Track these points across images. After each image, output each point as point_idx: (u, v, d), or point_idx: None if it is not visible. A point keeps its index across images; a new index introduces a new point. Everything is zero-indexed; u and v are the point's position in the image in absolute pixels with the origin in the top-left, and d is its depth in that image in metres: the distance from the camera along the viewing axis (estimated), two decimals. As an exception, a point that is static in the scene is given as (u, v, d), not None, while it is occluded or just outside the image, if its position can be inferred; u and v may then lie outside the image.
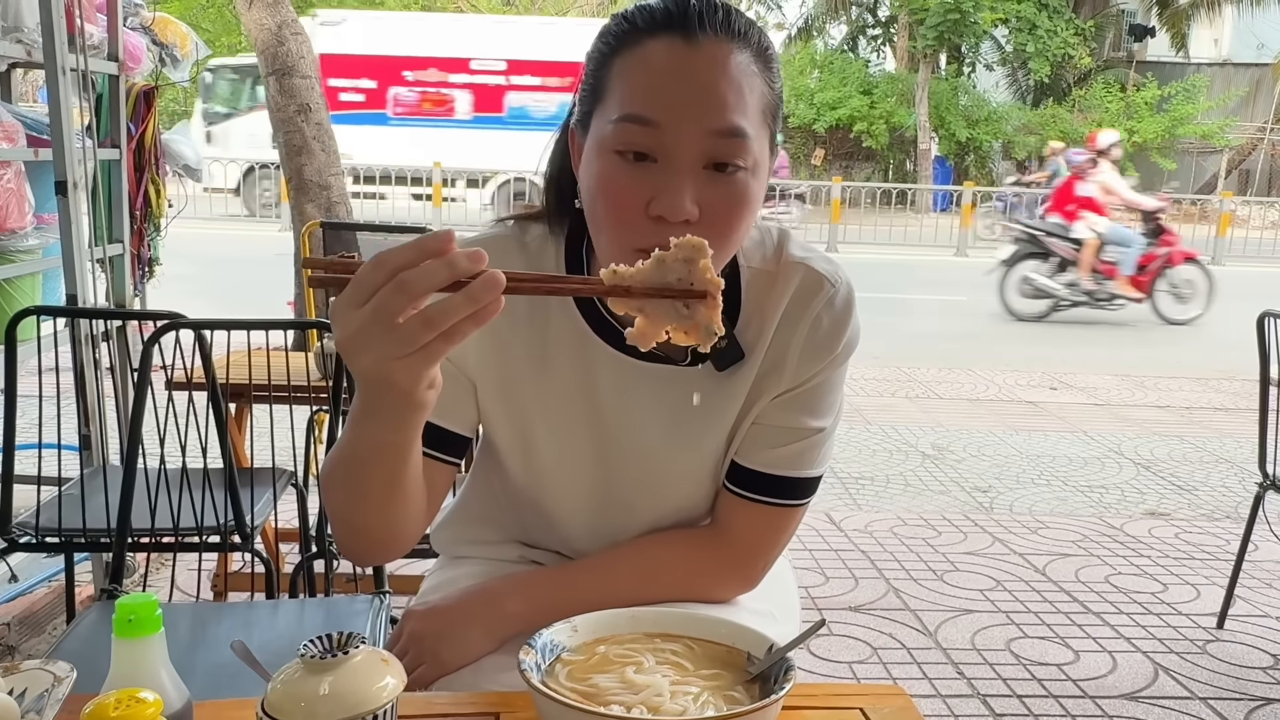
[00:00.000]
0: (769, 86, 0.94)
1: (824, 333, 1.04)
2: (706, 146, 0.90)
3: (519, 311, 1.03)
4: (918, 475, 4.27)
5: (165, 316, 1.95)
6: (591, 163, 0.94)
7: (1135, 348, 7.67)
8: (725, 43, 0.91)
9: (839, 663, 2.60)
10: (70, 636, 1.56)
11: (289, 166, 4.54)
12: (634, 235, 0.90)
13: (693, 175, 0.90)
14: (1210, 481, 4.35)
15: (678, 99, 0.90)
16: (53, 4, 2.45)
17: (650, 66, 0.91)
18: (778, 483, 1.07)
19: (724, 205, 0.91)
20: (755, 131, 0.92)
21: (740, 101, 0.91)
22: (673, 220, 0.89)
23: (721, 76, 0.90)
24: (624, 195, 0.91)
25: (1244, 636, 2.85)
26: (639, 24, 0.93)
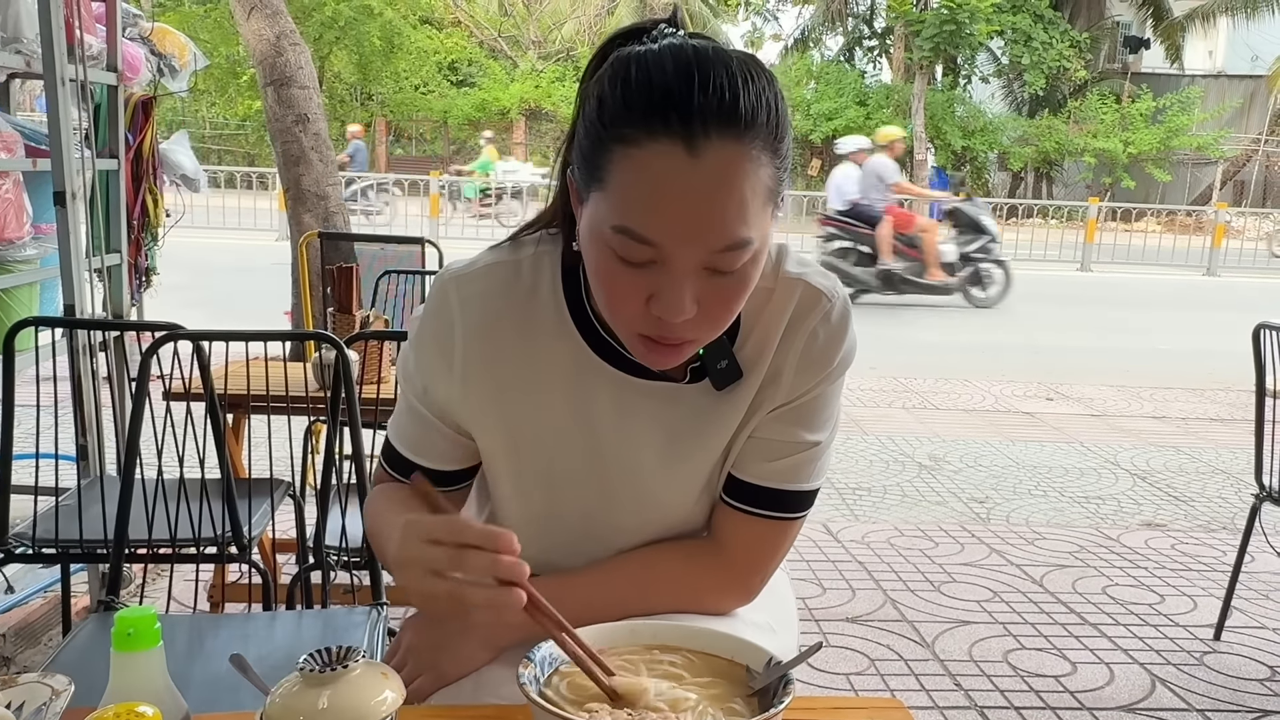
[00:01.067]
0: (776, 168, 0.89)
1: (820, 347, 1.04)
2: (707, 259, 0.88)
3: (510, 332, 1.03)
4: (914, 486, 4.27)
5: (163, 328, 1.95)
6: (591, 248, 0.91)
7: (1133, 360, 7.69)
8: (730, 144, 0.84)
9: (836, 674, 2.60)
10: (67, 649, 1.56)
11: (286, 176, 4.55)
12: (635, 325, 0.92)
13: (692, 278, 0.88)
14: (1207, 492, 4.36)
15: (677, 220, 0.85)
16: (52, 15, 2.45)
17: (649, 179, 0.85)
18: (775, 496, 1.07)
19: (723, 299, 0.91)
20: (758, 226, 0.88)
21: (743, 210, 0.86)
22: (672, 321, 0.89)
23: (724, 192, 0.85)
24: (624, 293, 0.90)
25: (1241, 648, 2.86)
26: (636, 111, 0.85)
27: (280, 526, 3.05)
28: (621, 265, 0.88)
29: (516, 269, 1.04)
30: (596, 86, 0.90)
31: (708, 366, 1.02)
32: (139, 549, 2.01)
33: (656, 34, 0.92)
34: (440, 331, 1.03)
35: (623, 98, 0.86)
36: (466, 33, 24.32)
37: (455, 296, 1.02)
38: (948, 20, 19.48)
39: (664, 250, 0.86)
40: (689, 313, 0.89)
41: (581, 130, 0.91)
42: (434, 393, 1.06)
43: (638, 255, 0.87)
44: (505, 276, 1.03)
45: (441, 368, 1.03)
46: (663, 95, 0.84)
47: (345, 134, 17.42)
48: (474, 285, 1.03)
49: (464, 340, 1.02)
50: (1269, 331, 2.70)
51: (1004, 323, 9.37)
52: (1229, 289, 12.55)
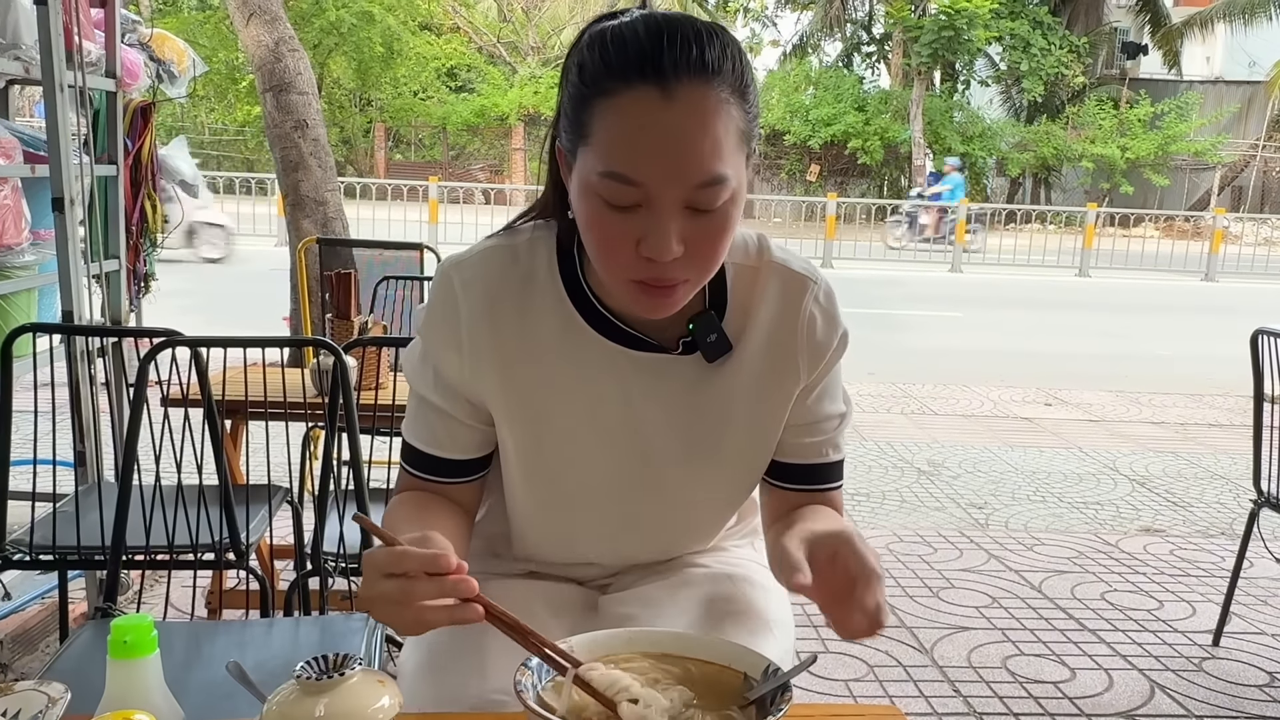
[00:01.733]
0: (745, 111, 0.96)
1: (820, 328, 1.11)
2: (688, 196, 0.93)
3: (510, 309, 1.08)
4: (913, 492, 4.27)
5: (161, 334, 1.95)
6: (580, 200, 0.97)
7: (1131, 364, 7.69)
8: (699, 86, 0.92)
9: (835, 680, 2.60)
10: (64, 656, 1.55)
11: (285, 182, 4.55)
12: (626, 270, 0.97)
13: (677, 218, 0.94)
14: (1205, 498, 4.36)
15: (657, 158, 0.92)
16: (51, 22, 2.45)
17: (627, 122, 0.92)
18: (830, 468, 1.17)
19: (708, 238, 0.96)
20: (733, 165, 0.95)
21: (716, 147, 0.93)
22: (661, 260, 0.94)
23: (697, 128, 0.92)
24: (614, 239, 0.96)
25: (1240, 654, 2.85)
26: (614, 67, 0.93)
27: (278, 532, 3.05)
28: (610, 212, 0.94)
29: (514, 252, 1.10)
30: (576, 56, 0.98)
31: (698, 340, 1.08)
32: (136, 555, 2.01)
33: (627, 14, 0.99)
34: (446, 314, 1.08)
35: (601, 59, 0.94)
36: (465, 39, 24.35)
37: (457, 280, 1.08)
38: (946, 26, 19.53)
39: (648, 190, 0.93)
40: (676, 252, 0.94)
41: (565, 98, 0.99)
42: (444, 374, 1.10)
43: (624, 198, 0.93)
44: (503, 259, 1.10)
45: (450, 346, 1.09)
46: (636, 51, 0.93)
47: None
48: (474, 269, 1.09)
49: (469, 319, 1.07)
50: (1267, 337, 2.70)
51: (1003, 328, 9.38)
52: (1227, 294, 12.56)
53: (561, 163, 1.03)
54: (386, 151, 23.75)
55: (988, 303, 10.94)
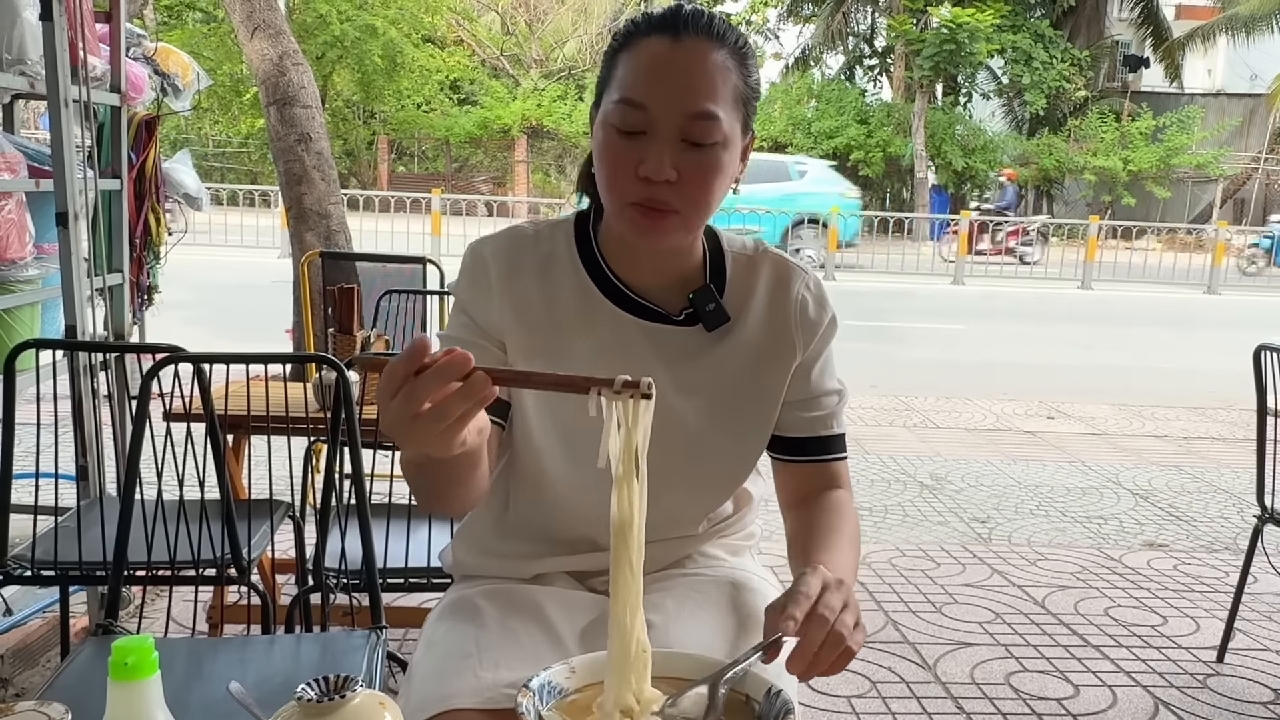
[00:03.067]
0: (743, 78, 1.14)
1: (812, 309, 1.27)
2: (684, 125, 1.10)
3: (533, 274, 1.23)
4: (916, 506, 4.27)
5: (164, 350, 1.95)
6: (598, 135, 1.15)
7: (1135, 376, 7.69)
8: (705, 41, 1.11)
9: (838, 697, 2.59)
10: (64, 674, 1.55)
11: (289, 195, 4.56)
12: (628, 192, 1.12)
13: (672, 146, 1.10)
14: (1209, 512, 4.35)
15: (661, 86, 1.10)
16: (56, 37, 2.46)
17: (642, 60, 1.12)
18: (834, 440, 1.30)
19: (698, 171, 1.11)
20: (727, 114, 1.12)
21: (713, 90, 1.11)
22: (655, 180, 1.10)
23: (698, 69, 1.10)
24: (618, 160, 1.12)
25: (1244, 670, 2.84)
26: (639, 27, 1.14)
27: (280, 547, 3.05)
28: (618, 138, 1.11)
29: (536, 235, 1.27)
30: (611, 43, 1.18)
31: (697, 308, 1.22)
32: (138, 571, 2.00)
33: None
34: (477, 271, 1.24)
35: (628, 28, 1.16)
36: (469, 51, 24.44)
37: (487, 250, 1.25)
38: (948, 39, 19.58)
39: (651, 114, 1.10)
40: (669, 174, 1.10)
41: (601, 69, 1.19)
42: (474, 316, 1.23)
43: (631, 121, 1.10)
44: (526, 238, 1.26)
45: (481, 298, 1.23)
46: (659, 15, 1.14)
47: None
48: (500, 241, 1.26)
49: (497, 272, 1.23)
50: (1270, 353, 2.70)
51: (1005, 341, 9.38)
52: (1230, 307, 12.55)
53: (593, 125, 1.18)
54: (390, 164, 23.81)
55: (990, 315, 10.93)
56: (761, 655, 0.93)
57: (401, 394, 0.85)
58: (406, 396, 0.85)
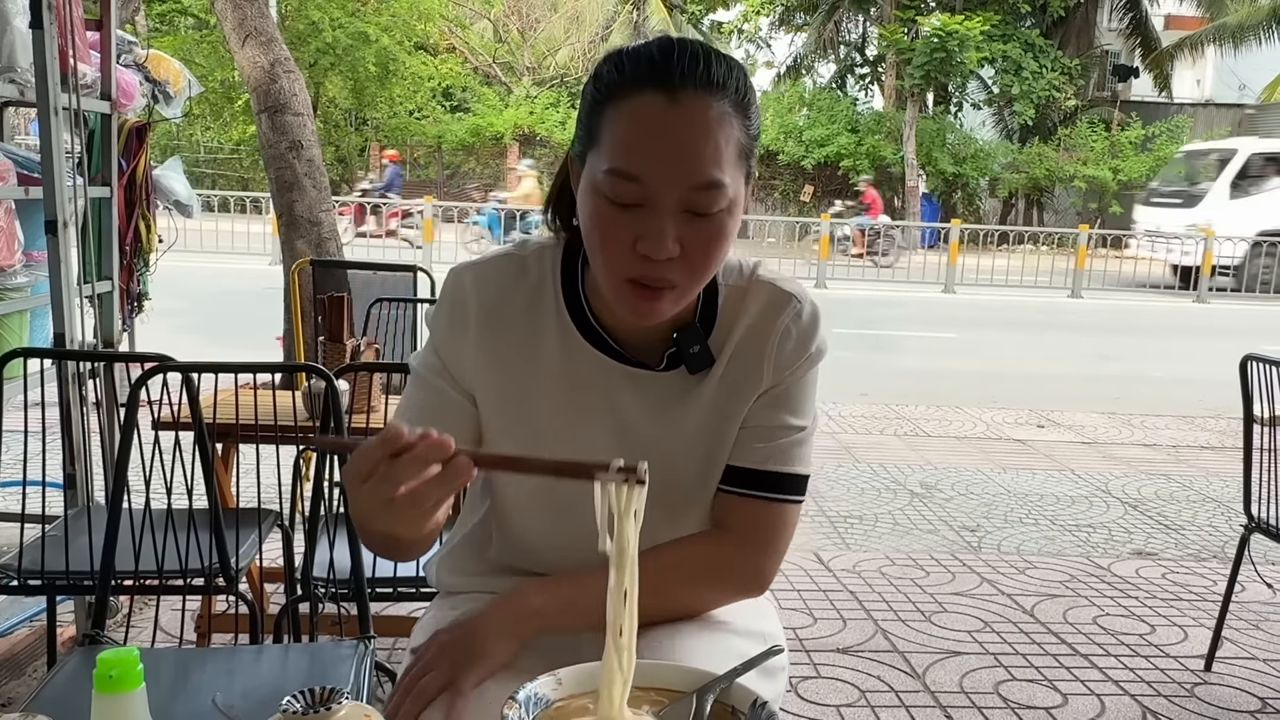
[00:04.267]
0: (745, 129, 1.03)
1: (793, 342, 1.16)
2: (686, 197, 1.00)
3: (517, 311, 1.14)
4: (906, 514, 4.27)
5: (153, 359, 1.95)
6: (586, 200, 1.03)
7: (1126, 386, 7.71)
8: (703, 97, 0.99)
9: (827, 706, 2.59)
10: (50, 684, 1.54)
11: (280, 202, 4.56)
12: (623, 268, 1.02)
13: (674, 218, 1.00)
14: (1198, 521, 4.36)
15: (659, 156, 0.99)
16: (46, 45, 2.46)
17: (634, 122, 1.00)
18: (770, 478, 1.17)
19: (702, 243, 1.02)
20: (731, 175, 1.01)
21: (716, 154, 1.00)
22: (656, 259, 1.00)
23: (699, 133, 0.99)
24: (613, 235, 1.01)
25: (1231, 679, 2.85)
26: (627, 74, 1.01)
27: (268, 557, 3.04)
28: (612, 209, 1.00)
29: (523, 263, 1.17)
30: (593, 78, 1.06)
31: (682, 351, 1.13)
32: (125, 580, 2.00)
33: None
34: (456, 304, 1.15)
35: (615, 70, 1.03)
36: (461, 59, 24.44)
37: (470, 279, 1.15)
38: (938, 48, 19.65)
39: (648, 187, 0.99)
40: (671, 251, 1.00)
41: (581, 109, 1.07)
42: (447, 359, 1.15)
43: (626, 194, 0.99)
44: (513, 268, 1.16)
45: (456, 335, 1.14)
46: (648, 62, 1.01)
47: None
48: (486, 270, 1.16)
49: (477, 313, 1.14)
50: (1256, 363, 2.71)
51: (996, 349, 9.40)
52: (1219, 315, 12.61)
53: (573, 172, 1.09)
54: (381, 171, 23.78)
55: (980, 324, 10.96)
56: (749, 668, 0.94)
57: (375, 478, 0.82)
58: (381, 481, 0.82)
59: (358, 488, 0.84)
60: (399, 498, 0.82)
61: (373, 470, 0.82)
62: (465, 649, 1.08)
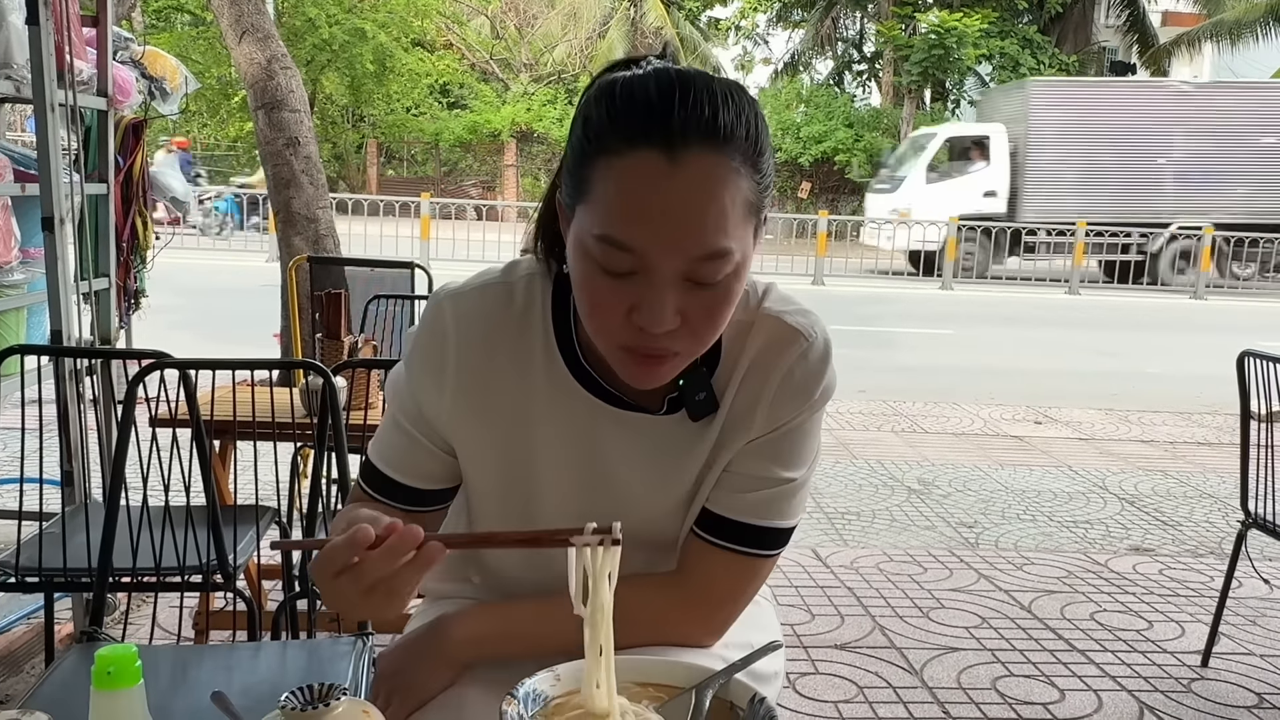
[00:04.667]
0: (757, 182, 0.91)
1: (796, 384, 1.05)
2: (687, 267, 0.89)
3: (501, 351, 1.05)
4: (904, 510, 4.28)
5: (150, 355, 1.95)
6: (575, 259, 0.93)
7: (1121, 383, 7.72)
8: (709, 154, 0.88)
9: (825, 702, 2.59)
10: (48, 681, 1.54)
11: (277, 199, 4.55)
12: (616, 336, 0.93)
13: (673, 288, 0.90)
14: (1194, 517, 4.37)
15: (657, 226, 0.87)
16: (43, 41, 2.46)
17: (628, 186, 0.88)
18: (745, 531, 1.07)
19: (706, 311, 0.92)
20: (739, 238, 0.90)
21: (722, 219, 0.88)
22: (654, 332, 0.90)
23: (703, 198, 0.87)
24: (606, 303, 0.92)
25: (1229, 675, 2.86)
26: (620, 123, 0.89)
27: (266, 553, 3.03)
28: (604, 276, 0.90)
29: (510, 291, 1.06)
30: (584, 108, 0.93)
31: (685, 397, 1.04)
32: (123, 577, 2.00)
33: (645, 64, 0.95)
34: (434, 346, 1.05)
35: (607, 113, 0.90)
36: (458, 55, 24.42)
37: (451, 313, 1.05)
38: (936, 45, 19.67)
39: (645, 258, 0.88)
40: (670, 324, 0.90)
41: (569, 149, 0.95)
42: (423, 407, 1.07)
43: (619, 264, 0.89)
44: (500, 298, 1.06)
45: (432, 383, 1.05)
46: (644, 109, 0.88)
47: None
48: (469, 303, 1.05)
49: (457, 356, 1.04)
50: (1254, 360, 2.72)
51: (993, 345, 9.41)
52: (1216, 312, 12.62)
53: (561, 215, 0.99)
54: (379, 167, 23.78)
55: (978, 320, 10.97)
56: (748, 663, 0.94)
57: (348, 575, 0.82)
58: (354, 577, 0.82)
59: (329, 583, 0.83)
60: (374, 588, 0.82)
61: (342, 569, 0.82)
62: (401, 679, 1.09)
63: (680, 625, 1.09)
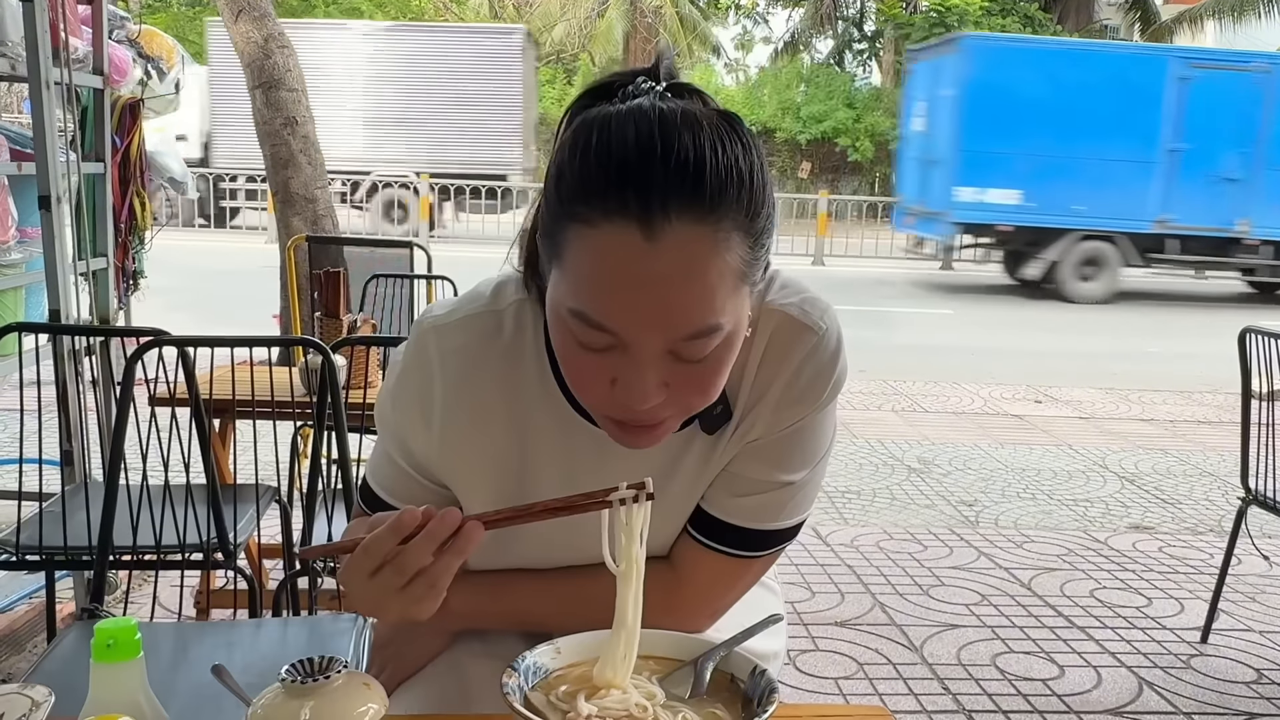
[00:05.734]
0: (749, 244, 0.81)
1: (805, 382, 0.97)
2: (671, 345, 0.82)
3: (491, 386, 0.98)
4: (904, 489, 4.28)
5: (149, 333, 1.94)
6: (552, 323, 0.86)
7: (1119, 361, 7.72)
8: (693, 226, 0.77)
9: (825, 679, 2.60)
10: (49, 658, 1.55)
11: (275, 179, 4.53)
12: (601, 406, 0.88)
13: (656, 366, 0.82)
14: (1194, 495, 4.37)
15: (634, 307, 0.79)
16: (37, 18, 2.44)
17: (604, 264, 0.79)
18: (740, 533, 1.02)
19: (694, 383, 0.85)
20: (730, 308, 0.82)
21: (709, 296, 0.79)
22: (636, 408, 0.84)
23: (685, 280, 0.78)
24: (586, 375, 0.85)
25: (1228, 651, 2.87)
26: (593, 189, 0.78)
27: (267, 532, 3.04)
28: (582, 349, 0.83)
29: (498, 320, 0.98)
30: (557, 154, 0.83)
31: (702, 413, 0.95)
32: (124, 556, 2.00)
33: (630, 91, 0.85)
34: (419, 385, 0.99)
35: (579, 171, 0.80)
36: (456, 35, 24.28)
37: (435, 349, 0.98)
38: (937, 23, 19.56)
39: (622, 336, 0.81)
40: (655, 399, 0.83)
41: (543, 199, 0.85)
42: (411, 445, 1.01)
43: (596, 341, 0.82)
44: (486, 328, 0.98)
45: (419, 424, 0.99)
46: (619, 171, 0.78)
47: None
48: (454, 338, 0.98)
49: (443, 395, 0.97)
50: (1255, 336, 2.71)
51: (994, 325, 9.40)
52: (1217, 292, 12.61)
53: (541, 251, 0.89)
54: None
55: (979, 299, 10.96)
56: (748, 636, 0.94)
57: (388, 569, 0.80)
58: (397, 569, 0.80)
59: (366, 583, 0.81)
60: (414, 581, 0.80)
61: (384, 561, 0.80)
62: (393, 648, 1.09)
63: (670, 614, 1.03)
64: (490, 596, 1.06)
